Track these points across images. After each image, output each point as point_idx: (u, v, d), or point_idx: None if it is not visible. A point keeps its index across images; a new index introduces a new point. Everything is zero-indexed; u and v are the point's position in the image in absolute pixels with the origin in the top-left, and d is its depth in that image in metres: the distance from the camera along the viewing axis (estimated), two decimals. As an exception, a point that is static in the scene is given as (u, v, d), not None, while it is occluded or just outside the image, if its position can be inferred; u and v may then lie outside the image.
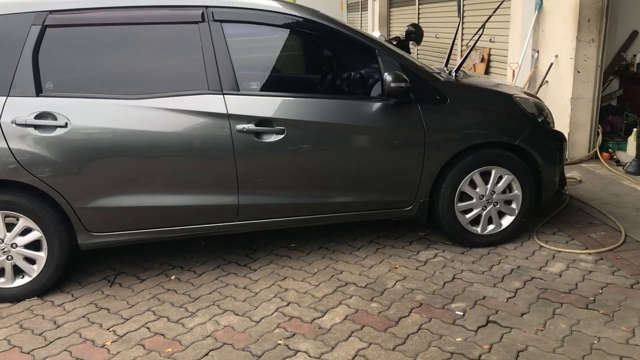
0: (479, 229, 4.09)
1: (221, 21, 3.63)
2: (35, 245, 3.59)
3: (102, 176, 3.52)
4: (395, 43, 7.65)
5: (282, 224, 3.88)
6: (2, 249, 3.54)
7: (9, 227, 3.53)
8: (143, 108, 3.51)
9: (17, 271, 3.62)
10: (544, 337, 2.98)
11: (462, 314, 3.25)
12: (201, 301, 3.52)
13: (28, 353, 3.06)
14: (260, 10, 3.70)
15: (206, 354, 2.99)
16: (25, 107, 3.40)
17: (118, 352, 3.03)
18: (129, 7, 3.57)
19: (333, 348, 2.99)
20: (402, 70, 3.75)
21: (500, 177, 4.02)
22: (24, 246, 3.56)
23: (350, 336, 3.08)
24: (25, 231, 3.55)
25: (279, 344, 3.05)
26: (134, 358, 2.97)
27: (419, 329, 3.13)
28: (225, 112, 3.57)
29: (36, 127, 3.40)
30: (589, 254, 3.90)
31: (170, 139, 3.56)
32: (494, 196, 4.05)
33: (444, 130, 3.85)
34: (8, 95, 3.41)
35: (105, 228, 3.63)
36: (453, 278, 3.68)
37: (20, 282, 3.62)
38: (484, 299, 3.39)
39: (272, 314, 3.34)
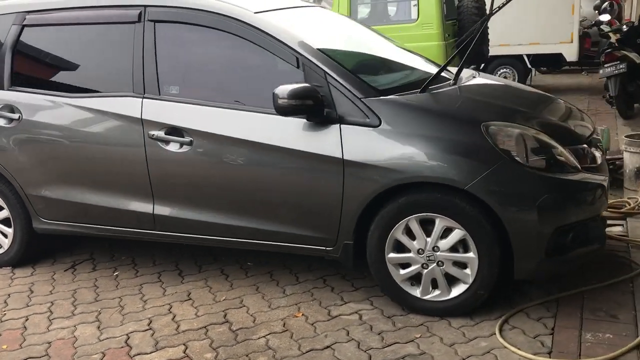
0: (418, 292, 3.16)
1: (154, 21, 3.54)
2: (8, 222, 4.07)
3: (44, 168, 3.79)
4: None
5: (202, 242, 3.60)
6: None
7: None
8: (79, 107, 3.66)
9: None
10: None
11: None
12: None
13: None
14: (194, 10, 3.47)
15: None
16: None
17: None
18: (81, 7, 3.76)
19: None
20: (325, 82, 3.13)
21: (449, 230, 3.03)
22: (-1, 221, 4.07)
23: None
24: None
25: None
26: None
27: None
28: (139, 116, 3.47)
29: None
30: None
31: (95, 139, 3.65)
32: (438, 254, 3.08)
33: (369, 161, 3.06)
34: None
35: (51, 216, 3.88)
36: (325, 348, 2.92)
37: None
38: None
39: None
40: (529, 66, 9.24)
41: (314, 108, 3.08)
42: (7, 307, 3.56)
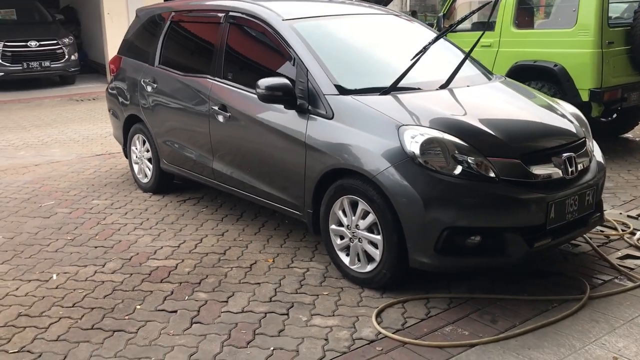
0: (348, 261, 3.72)
1: (230, 22, 4.68)
2: None
3: (163, 123, 5.29)
4: None
5: (233, 193, 4.71)
6: None
7: None
8: (183, 82, 5.02)
9: None
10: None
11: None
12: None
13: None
14: (243, 13, 4.58)
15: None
16: None
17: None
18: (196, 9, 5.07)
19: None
20: (306, 79, 3.86)
21: (367, 213, 3.53)
22: None
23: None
24: None
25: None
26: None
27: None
28: (208, 93, 4.70)
29: None
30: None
31: (187, 106, 4.99)
32: (359, 232, 3.59)
33: (319, 147, 3.74)
34: None
35: (168, 160, 5.38)
36: (255, 284, 3.74)
37: None
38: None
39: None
40: None
41: (286, 99, 3.86)
42: (122, 215, 5.16)
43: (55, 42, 12.79)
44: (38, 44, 12.53)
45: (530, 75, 6.74)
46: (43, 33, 12.93)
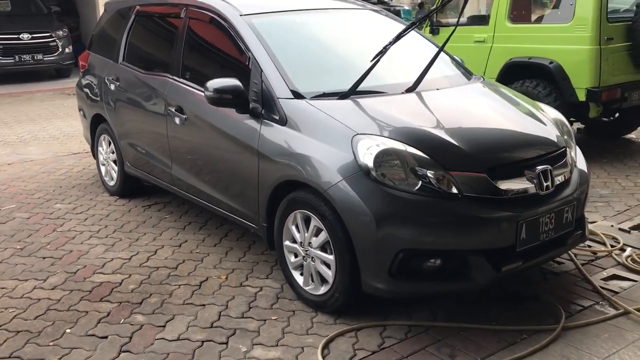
0: (301, 281, 3.39)
1: (189, 17, 4.34)
2: None
3: (124, 124, 4.97)
4: None
5: (190, 200, 4.45)
6: None
7: None
8: (143, 81, 4.70)
9: None
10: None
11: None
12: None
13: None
14: (201, 8, 4.26)
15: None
16: None
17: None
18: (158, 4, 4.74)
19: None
20: (260, 80, 3.52)
21: (320, 230, 3.19)
22: None
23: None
24: None
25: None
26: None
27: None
28: (165, 93, 4.37)
29: None
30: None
31: (145, 107, 4.67)
32: (311, 250, 3.26)
33: (271, 156, 3.41)
34: None
35: (130, 162, 5.07)
36: (200, 305, 3.43)
37: None
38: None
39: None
40: None
41: (236, 102, 3.53)
42: (81, 222, 4.87)
43: (48, 34, 12.55)
44: (30, 36, 12.30)
45: (525, 72, 6.35)
46: (36, 25, 12.69)
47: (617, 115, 6.98)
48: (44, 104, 10.60)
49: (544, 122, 3.56)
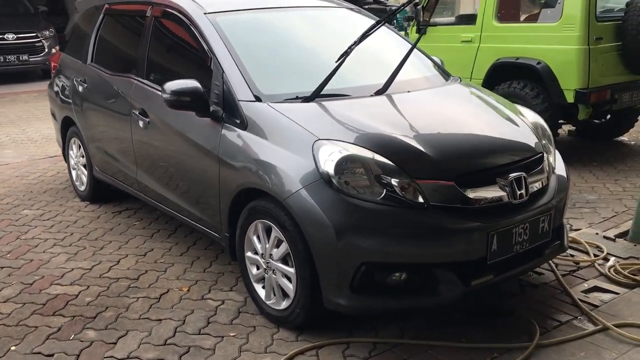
0: (263, 295, 3.20)
1: (154, 16, 4.15)
2: None
3: (91, 129, 4.78)
4: None
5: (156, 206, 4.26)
6: None
7: None
8: (109, 83, 4.51)
9: None
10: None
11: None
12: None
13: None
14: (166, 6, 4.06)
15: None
16: None
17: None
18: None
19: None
20: (222, 82, 3.33)
21: (280, 241, 3.01)
22: None
23: None
24: None
25: None
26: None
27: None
28: (130, 95, 4.18)
29: None
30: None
31: (112, 109, 4.47)
32: (272, 262, 3.07)
33: (231, 162, 3.22)
34: None
35: (99, 167, 4.88)
36: (157, 320, 3.24)
37: None
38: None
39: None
40: None
41: (196, 105, 3.33)
42: (46, 229, 4.68)
43: (34, 34, 12.36)
44: (15, 36, 12.10)
45: (512, 73, 6.15)
46: (22, 25, 12.50)
47: (608, 117, 6.79)
48: (27, 105, 10.40)
49: (521, 126, 3.36)
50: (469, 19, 6.90)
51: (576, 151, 6.61)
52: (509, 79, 6.16)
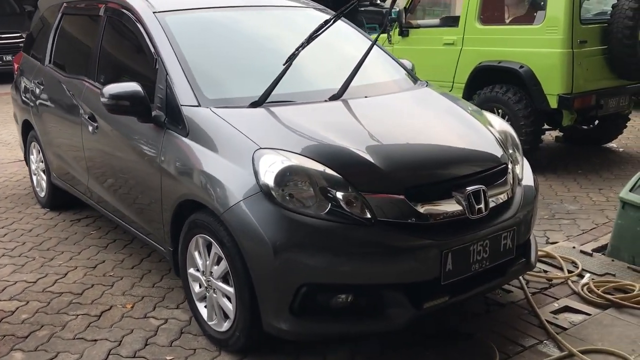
0: (205, 315, 2.97)
1: (107, 15, 3.94)
2: None
3: (48, 133, 4.56)
4: None
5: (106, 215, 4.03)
6: None
7: None
8: (64, 84, 4.30)
9: None
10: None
11: None
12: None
13: None
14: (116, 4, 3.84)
15: None
16: None
17: None
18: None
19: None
20: (166, 85, 3.11)
21: (220, 258, 2.78)
22: None
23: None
24: None
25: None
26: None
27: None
28: (80, 99, 3.97)
29: None
30: None
31: (65, 113, 4.26)
32: (212, 280, 2.85)
33: (172, 171, 3.00)
34: None
35: (56, 172, 4.66)
36: (93, 340, 3.01)
37: None
38: None
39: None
40: None
41: (136, 110, 3.11)
42: (1, 236, 4.45)
43: (18, 34, 12.12)
44: (-1, 37, 11.91)
45: (495, 77, 5.93)
46: (6, 25, 12.29)
47: (596, 123, 6.56)
48: (7, 107, 10.17)
49: (486, 135, 3.13)
50: (452, 21, 6.69)
51: (562, 158, 6.38)
52: (491, 83, 5.94)
